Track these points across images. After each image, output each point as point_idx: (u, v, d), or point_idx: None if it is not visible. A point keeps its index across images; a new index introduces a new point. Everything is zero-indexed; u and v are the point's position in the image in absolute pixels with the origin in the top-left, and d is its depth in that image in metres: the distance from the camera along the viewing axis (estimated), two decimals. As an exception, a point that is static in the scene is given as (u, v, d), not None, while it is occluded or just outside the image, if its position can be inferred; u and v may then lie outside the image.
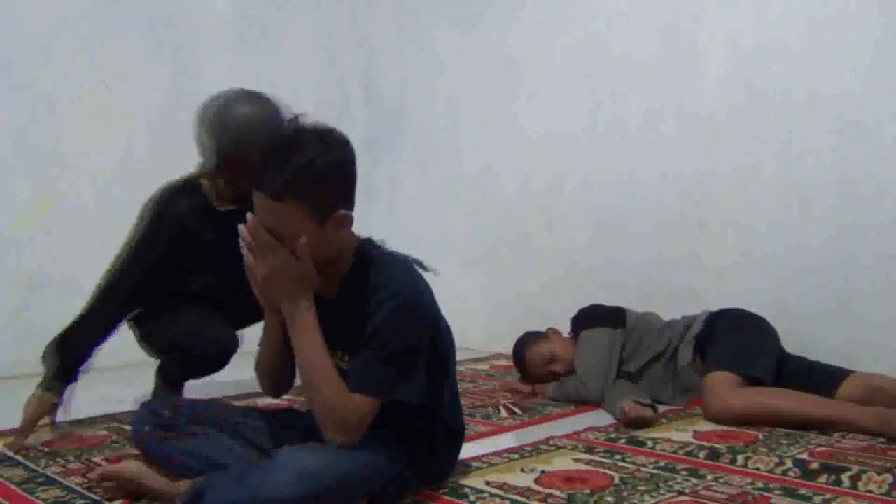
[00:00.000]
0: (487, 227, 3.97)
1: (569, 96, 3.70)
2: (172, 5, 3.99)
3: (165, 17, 3.96)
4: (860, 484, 1.64)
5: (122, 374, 3.58)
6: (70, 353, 2.27)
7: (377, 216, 3.71)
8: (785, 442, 2.02)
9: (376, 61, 4.66)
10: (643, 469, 1.83)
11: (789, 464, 1.80)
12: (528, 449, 2.04)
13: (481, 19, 4.10)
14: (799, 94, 2.99)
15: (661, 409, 2.44)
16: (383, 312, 1.52)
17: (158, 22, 3.93)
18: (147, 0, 3.90)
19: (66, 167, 3.65)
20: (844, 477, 1.68)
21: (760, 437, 2.08)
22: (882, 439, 2.01)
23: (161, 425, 1.68)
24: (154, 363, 2.65)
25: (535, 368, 2.81)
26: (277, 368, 1.67)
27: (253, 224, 1.49)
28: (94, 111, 3.73)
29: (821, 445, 1.99)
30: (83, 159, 3.69)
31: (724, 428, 2.19)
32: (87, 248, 3.70)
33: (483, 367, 3.37)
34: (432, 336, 1.61)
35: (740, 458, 1.87)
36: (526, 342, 2.88)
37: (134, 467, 1.69)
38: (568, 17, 3.73)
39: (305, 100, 4.62)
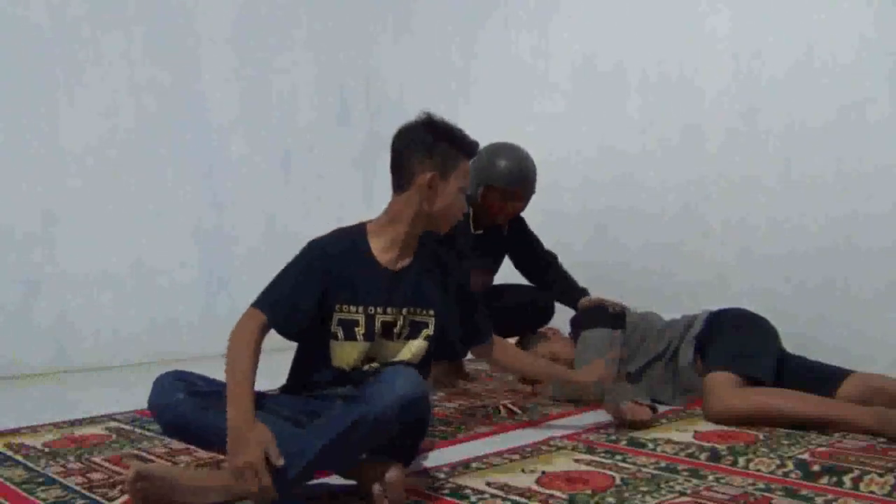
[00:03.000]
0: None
1: (570, 98, 3.70)
2: (173, 5, 3.98)
3: (166, 18, 3.95)
4: (862, 485, 1.64)
5: (121, 374, 3.59)
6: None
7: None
8: (786, 442, 2.02)
9: (376, 61, 4.66)
10: (644, 470, 1.83)
11: (791, 465, 1.80)
12: (529, 449, 2.04)
13: (482, 20, 4.10)
14: (799, 95, 3.00)
15: (661, 409, 2.44)
16: (462, 268, 2.03)
17: (159, 22, 3.93)
18: (147, 0, 3.90)
19: (65, 167, 3.65)
20: (846, 479, 1.68)
21: (761, 437, 2.08)
22: (882, 439, 2.01)
23: (194, 392, 1.63)
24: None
25: None
26: None
27: None
28: (95, 111, 3.73)
29: (821, 446, 1.98)
30: (83, 159, 3.69)
31: (725, 428, 2.19)
32: (86, 249, 3.71)
33: (483, 367, 3.37)
34: None
35: (741, 460, 1.87)
36: (526, 343, 2.88)
37: (164, 467, 1.61)
38: (569, 20, 3.73)
39: (305, 100, 4.70)
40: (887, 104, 2.79)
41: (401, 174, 1.86)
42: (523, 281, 3.22)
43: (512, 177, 2.85)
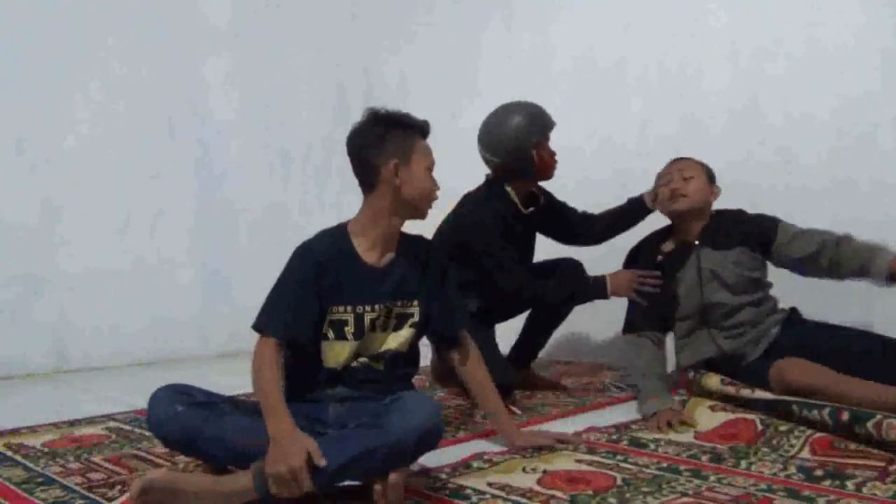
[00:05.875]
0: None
1: (569, 99, 3.69)
2: (172, 5, 3.98)
3: (165, 18, 3.95)
4: (864, 489, 1.63)
5: (121, 374, 3.59)
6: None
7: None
8: (786, 440, 2.00)
9: (376, 61, 4.65)
10: (646, 470, 1.82)
11: (793, 469, 1.79)
12: (530, 449, 2.03)
13: (481, 20, 4.10)
14: (798, 95, 3.00)
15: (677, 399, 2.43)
16: (441, 257, 2.02)
17: (158, 22, 3.93)
18: (146, 0, 3.90)
19: (66, 167, 3.64)
20: (849, 483, 1.67)
21: (761, 436, 2.06)
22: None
23: (193, 404, 1.63)
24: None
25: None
26: None
27: None
28: (94, 111, 3.73)
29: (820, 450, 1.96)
30: (83, 159, 3.69)
31: (722, 430, 2.17)
32: (86, 248, 3.71)
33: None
34: None
35: (743, 462, 1.87)
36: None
37: (167, 475, 1.56)
38: (568, 19, 3.73)
39: (306, 100, 4.69)
40: (887, 105, 2.79)
41: (365, 175, 1.88)
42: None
43: (538, 119, 2.72)
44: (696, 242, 2.58)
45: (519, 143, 2.68)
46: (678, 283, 2.57)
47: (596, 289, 2.64)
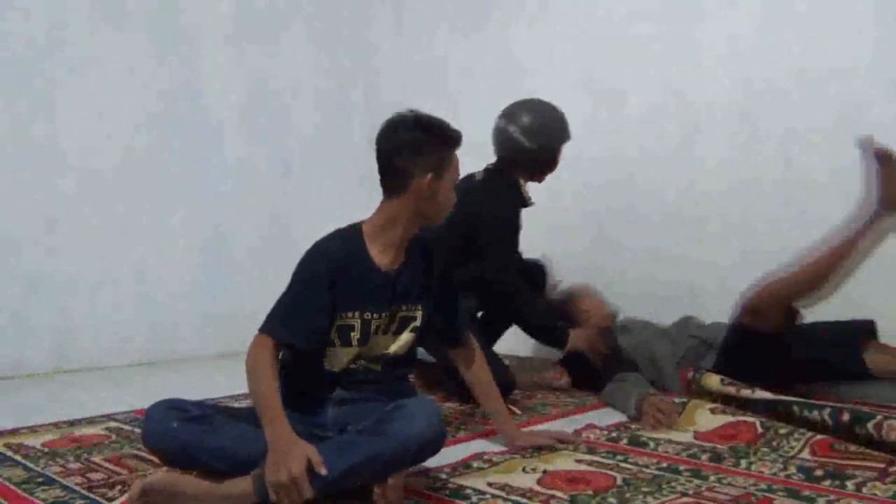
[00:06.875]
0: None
1: (568, 96, 3.69)
2: (173, 4, 3.98)
3: (166, 17, 3.95)
4: (864, 489, 1.63)
5: (122, 374, 3.59)
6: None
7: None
8: (786, 442, 2.00)
9: (376, 61, 4.65)
10: (646, 470, 1.82)
11: (793, 469, 1.79)
12: (530, 449, 2.03)
13: (482, 19, 4.10)
14: (798, 93, 3.00)
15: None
16: (445, 258, 1.95)
17: (159, 21, 3.92)
18: (146, 0, 3.89)
19: (66, 166, 3.64)
20: (849, 483, 1.67)
21: (761, 437, 2.06)
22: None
23: (189, 419, 1.61)
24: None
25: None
26: None
27: None
28: (95, 110, 3.72)
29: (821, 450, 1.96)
30: (83, 158, 3.68)
31: (722, 431, 2.17)
32: (86, 248, 3.71)
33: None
34: None
35: (743, 462, 1.87)
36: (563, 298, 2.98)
37: (166, 478, 1.57)
38: (568, 16, 3.73)
39: (305, 99, 4.68)
40: (887, 104, 2.79)
41: (394, 178, 1.81)
42: None
43: (561, 121, 2.82)
44: None
45: (554, 137, 2.76)
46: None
47: (558, 337, 2.73)
